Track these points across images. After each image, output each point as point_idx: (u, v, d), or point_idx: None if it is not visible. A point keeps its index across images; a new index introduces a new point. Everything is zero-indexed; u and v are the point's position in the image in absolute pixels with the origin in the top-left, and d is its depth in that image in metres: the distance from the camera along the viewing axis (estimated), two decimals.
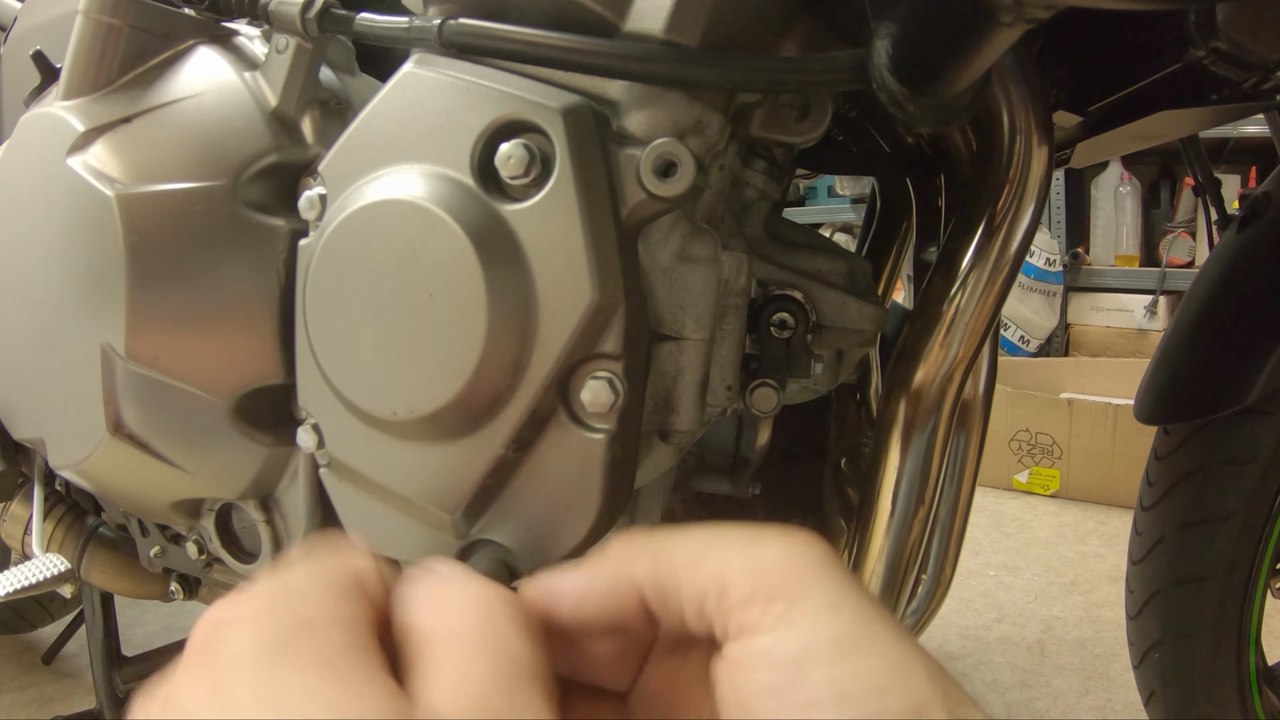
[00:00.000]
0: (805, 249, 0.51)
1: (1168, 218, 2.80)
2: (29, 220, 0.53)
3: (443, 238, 0.38)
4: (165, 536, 0.66)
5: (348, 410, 0.42)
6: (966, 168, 0.56)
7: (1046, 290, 2.76)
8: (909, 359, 0.50)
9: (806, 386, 0.52)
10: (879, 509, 0.52)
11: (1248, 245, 0.78)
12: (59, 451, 0.56)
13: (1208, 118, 0.60)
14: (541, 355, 0.38)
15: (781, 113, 0.45)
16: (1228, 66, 0.48)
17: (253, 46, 0.54)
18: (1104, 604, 1.54)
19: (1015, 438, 2.14)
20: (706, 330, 0.42)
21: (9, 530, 0.77)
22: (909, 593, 0.55)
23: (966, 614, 1.50)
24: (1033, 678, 1.31)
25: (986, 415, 0.60)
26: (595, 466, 0.39)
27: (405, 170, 0.40)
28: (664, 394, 0.43)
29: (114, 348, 0.50)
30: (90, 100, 0.52)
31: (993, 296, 0.49)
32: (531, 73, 0.40)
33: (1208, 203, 0.92)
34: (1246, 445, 0.75)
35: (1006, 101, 0.47)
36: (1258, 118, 1.47)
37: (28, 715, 1.23)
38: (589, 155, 0.37)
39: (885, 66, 0.35)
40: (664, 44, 0.38)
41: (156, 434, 0.52)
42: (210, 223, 0.49)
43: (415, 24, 0.41)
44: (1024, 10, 0.29)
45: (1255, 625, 0.81)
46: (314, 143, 0.51)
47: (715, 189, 0.44)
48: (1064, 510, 2.02)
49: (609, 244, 0.38)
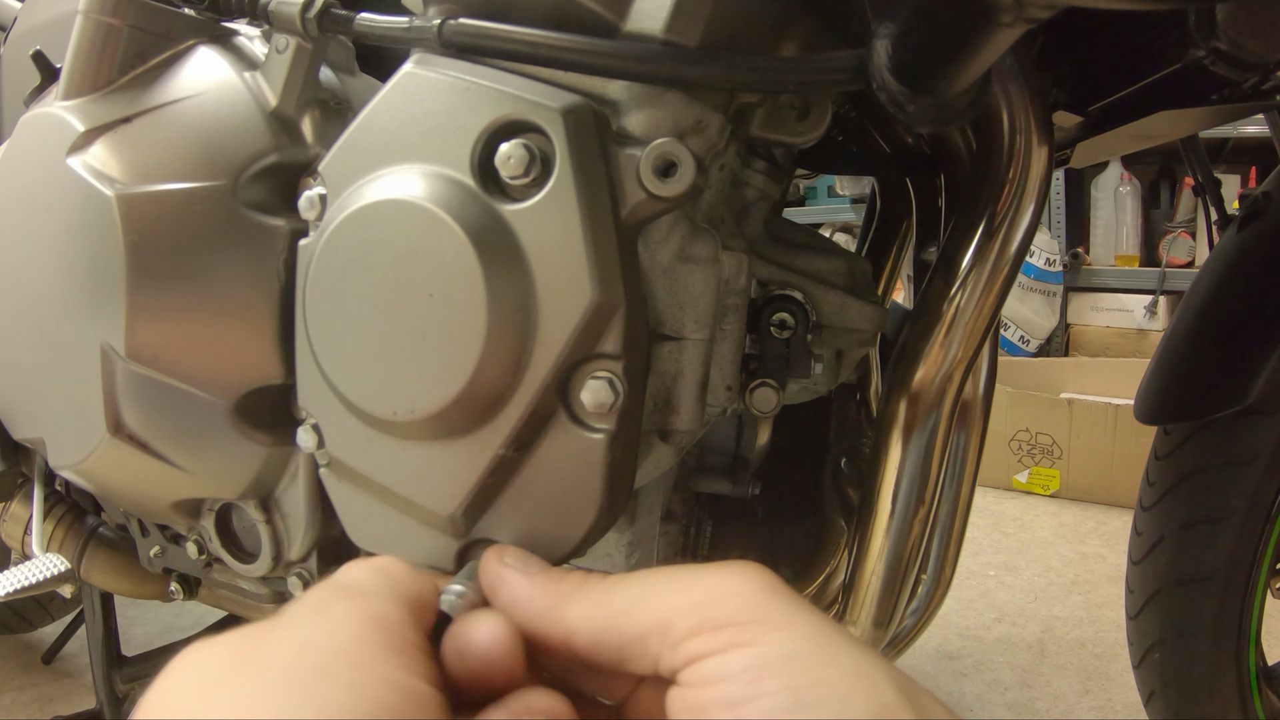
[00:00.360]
0: (805, 249, 0.51)
1: (1168, 218, 2.80)
2: (29, 220, 0.53)
3: (443, 238, 0.38)
4: (165, 536, 0.66)
5: (348, 410, 0.42)
6: (966, 168, 0.56)
7: (1046, 290, 2.76)
8: (909, 359, 0.50)
9: (806, 386, 0.52)
10: (879, 509, 0.52)
11: (1248, 245, 0.77)
12: (59, 451, 0.56)
13: (1208, 118, 0.60)
14: (541, 355, 0.38)
15: (781, 113, 0.45)
16: (1228, 66, 0.48)
17: (253, 46, 0.54)
18: (1104, 604, 1.54)
19: (1015, 438, 2.14)
20: (706, 330, 0.42)
21: (9, 530, 0.77)
22: (909, 593, 0.55)
23: (966, 614, 1.50)
24: (1033, 678, 1.31)
25: (986, 415, 0.60)
26: (595, 466, 0.39)
27: (405, 170, 0.40)
28: (664, 394, 0.43)
29: (114, 348, 0.50)
30: (90, 100, 0.52)
31: (993, 296, 0.49)
32: (531, 73, 0.40)
33: (1208, 203, 0.92)
34: (1246, 445, 0.74)
35: (1006, 101, 0.47)
36: (1258, 118, 1.47)
37: (28, 715, 1.23)
38: (589, 155, 0.37)
39: (885, 66, 0.35)
40: (664, 44, 0.38)
41: (156, 434, 0.52)
42: (210, 223, 0.49)
43: (415, 24, 0.41)
44: (1024, 10, 0.29)
45: (1255, 625, 0.81)
46: (314, 143, 0.51)
47: (715, 189, 0.44)
48: (1064, 510, 2.02)
49: (609, 244, 0.38)
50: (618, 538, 0.55)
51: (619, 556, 0.56)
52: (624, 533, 0.55)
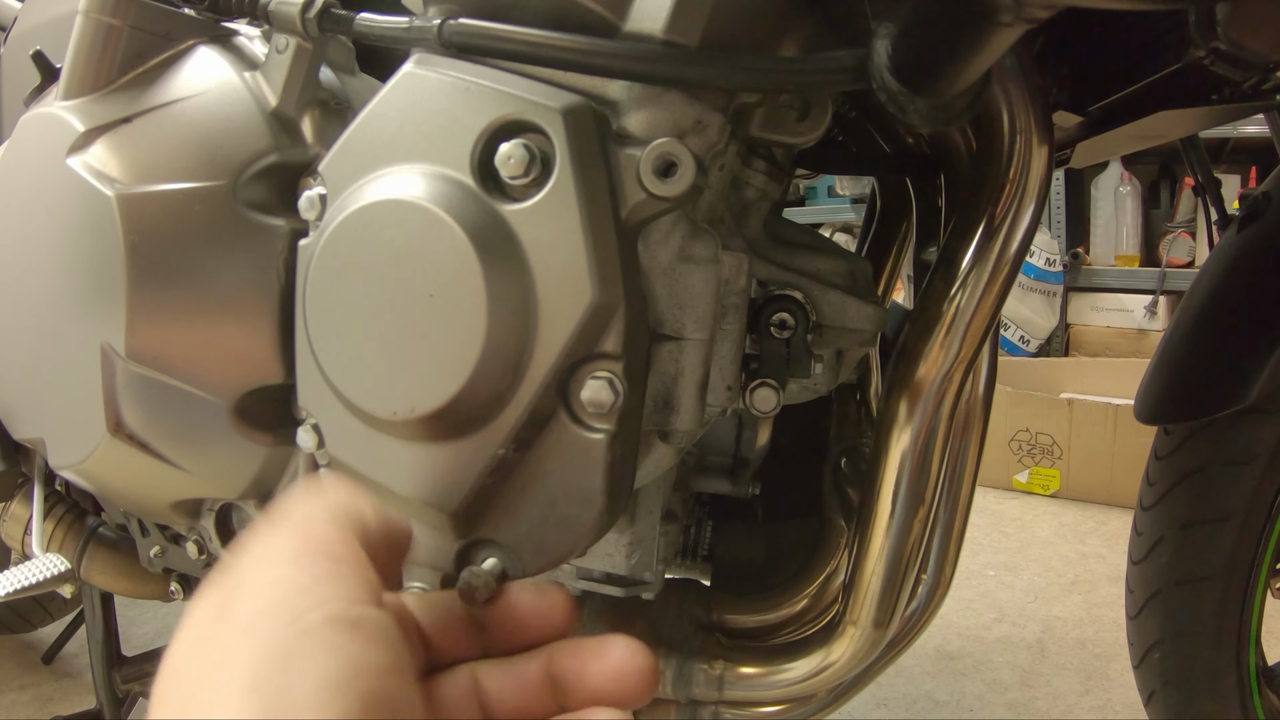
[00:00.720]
0: (805, 249, 0.51)
1: (1168, 218, 2.80)
2: (29, 220, 0.53)
3: (443, 238, 0.38)
4: (165, 536, 0.66)
5: (348, 410, 0.42)
6: (966, 168, 0.56)
7: (1046, 290, 2.76)
8: (909, 359, 0.50)
9: (806, 386, 0.53)
10: (879, 509, 0.52)
11: (1248, 245, 0.77)
12: (59, 451, 0.56)
13: (1208, 118, 0.60)
14: (541, 355, 0.38)
15: (781, 113, 0.45)
16: (1228, 66, 0.48)
17: (253, 46, 0.54)
18: (1104, 604, 1.54)
19: (1015, 438, 2.14)
20: (706, 330, 0.42)
21: (9, 530, 0.77)
22: (909, 593, 0.55)
23: (966, 614, 1.50)
24: (1033, 678, 1.31)
25: (986, 415, 0.60)
26: (595, 466, 0.39)
27: (405, 170, 0.40)
28: (664, 394, 0.43)
29: (114, 348, 0.50)
30: (90, 100, 0.52)
31: (993, 296, 0.49)
32: (532, 73, 0.40)
33: (1208, 203, 0.91)
34: (1246, 445, 0.74)
35: (1006, 101, 0.47)
36: (1258, 118, 1.47)
37: (28, 715, 1.23)
38: (589, 155, 0.38)
39: (885, 66, 0.35)
40: (664, 44, 0.38)
41: (156, 434, 0.52)
42: (210, 223, 0.49)
43: (415, 24, 0.41)
44: (1024, 10, 0.29)
45: (1255, 625, 0.81)
46: (314, 143, 0.51)
47: (715, 189, 0.44)
48: (1064, 510, 2.02)
49: (609, 244, 0.38)
50: (618, 538, 0.55)
51: (619, 556, 0.56)
52: (624, 533, 0.55)
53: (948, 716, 1.21)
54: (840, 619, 0.55)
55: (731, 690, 0.59)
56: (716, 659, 0.59)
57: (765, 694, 0.59)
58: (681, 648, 0.60)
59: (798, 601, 0.66)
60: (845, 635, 0.55)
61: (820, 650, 0.56)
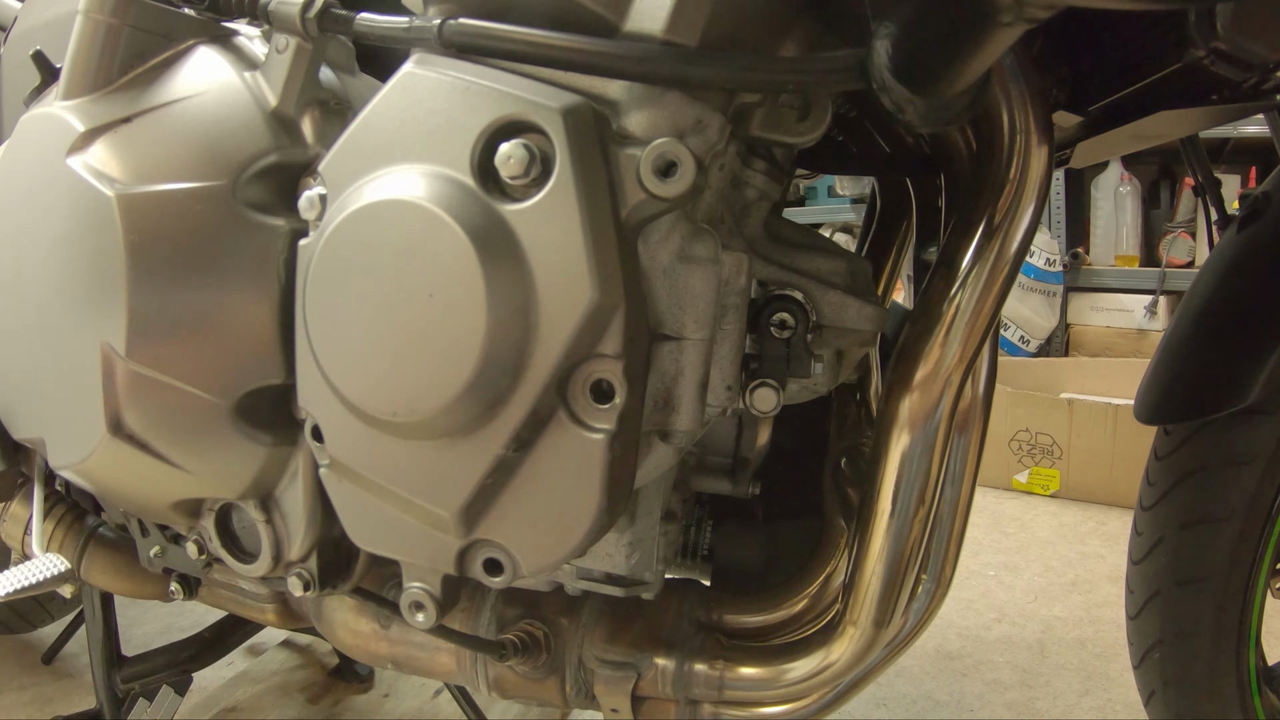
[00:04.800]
0: (805, 249, 0.51)
1: (1168, 218, 2.80)
2: (29, 220, 0.53)
3: (443, 238, 0.38)
4: (165, 536, 0.66)
5: (348, 410, 0.42)
6: (966, 168, 0.56)
7: (1046, 290, 2.76)
8: (909, 359, 0.50)
9: (806, 386, 0.52)
10: (879, 509, 0.52)
11: (1248, 245, 0.77)
12: (59, 451, 0.56)
13: (1208, 118, 0.60)
14: (541, 355, 0.38)
15: (781, 113, 0.45)
16: (1228, 66, 0.48)
17: (253, 46, 0.54)
18: (1104, 604, 1.54)
19: (1015, 438, 2.14)
20: (706, 330, 0.42)
21: (9, 530, 0.77)
22: (909, 593, 0.55)
23: (966, 614, 1.50)
24: (1033, 678, 1.31)
25: (986, 415, 0.60)
26: (595, 466, 0.39)
27: (405, 170, 0.40)
28: (664, 394, 0.43)
29: (114, 347, 0.50)
30: (90, 100, 0.52)
31: (993, 296, 0.49)
32: (531, 73, 0.40)
33: (1208, 203, 0.91)
34: (1246, 445, 0.74)
35: (1006, 101, 0.47)
36: (1258, 118, 1.47)
37: (28, 715, 1.23)
38: (589, 155, 0.38)
39: (885, 66, 0.35)
40: (664, 44, 0.38)
41: (156, 434, 0.52)
42: (210, 223, 0.49)
43: (415, 24, 0.41)
44: (1024, 10, 0.29)
45: (1255, 625, 0.81)
46: (314, 143, 0.51)
47: (715, 189, 0.44)
48: (1064, 510, 2.02)
49: (609, 244, 0.38)
50: (618, 538, 0.55)
51: (619, 556, 0.56)
52: (624, 533, 0.55)
53: (948, 716, 1.21)
54: (840, 619, 0.55)
55: (731, 690, 0.59)
56: (716, 659, 0.59)
57: (765, 694, 0.59)
58: (681, 648, 0.60)
59: (798, 601, 0.66)
60: (845, 635, 0.55)
61: (820, 650, 0.56)
